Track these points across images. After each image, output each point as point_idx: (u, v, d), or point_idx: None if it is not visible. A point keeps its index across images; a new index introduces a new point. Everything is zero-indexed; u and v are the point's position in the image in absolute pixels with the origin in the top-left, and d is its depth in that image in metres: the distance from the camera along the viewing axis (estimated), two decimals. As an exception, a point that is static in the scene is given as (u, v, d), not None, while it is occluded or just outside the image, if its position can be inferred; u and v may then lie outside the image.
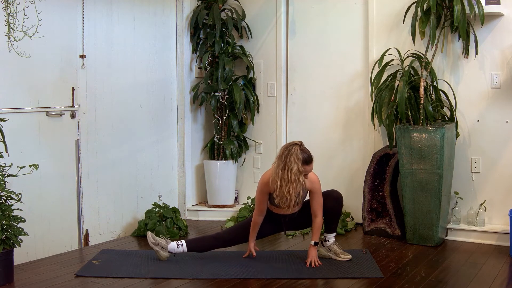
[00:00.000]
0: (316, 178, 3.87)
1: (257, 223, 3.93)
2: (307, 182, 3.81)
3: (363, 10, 5.00)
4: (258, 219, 3.92)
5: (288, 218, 3.95)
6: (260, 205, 3.88)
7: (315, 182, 3.85)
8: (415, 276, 3.63)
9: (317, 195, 3.87)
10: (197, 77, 5.52)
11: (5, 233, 3.47)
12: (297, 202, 3.81)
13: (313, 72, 5.28)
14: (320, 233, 3.89)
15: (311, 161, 3.75)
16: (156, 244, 3.94)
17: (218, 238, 4.07)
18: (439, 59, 4.63)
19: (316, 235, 3.87)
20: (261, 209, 3.89)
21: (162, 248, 3.94)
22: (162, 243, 3.96)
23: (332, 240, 4.00)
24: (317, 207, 3.87)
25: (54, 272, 3.77)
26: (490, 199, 4.51)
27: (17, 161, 3.68)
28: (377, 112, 4.58)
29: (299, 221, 4.02)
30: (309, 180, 3.82)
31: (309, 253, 3.88)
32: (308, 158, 3.73)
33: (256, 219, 3.92)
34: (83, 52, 4.43)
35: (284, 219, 3.96)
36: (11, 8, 3.59)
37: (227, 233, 4.11)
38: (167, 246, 3.95)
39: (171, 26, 5.34)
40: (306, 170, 3.71)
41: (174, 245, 3.96)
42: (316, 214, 3.87)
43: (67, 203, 4.34)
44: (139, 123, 4.98)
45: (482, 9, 4.24)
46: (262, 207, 3.88)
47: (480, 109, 4.53)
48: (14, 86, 3.96)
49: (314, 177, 3.85)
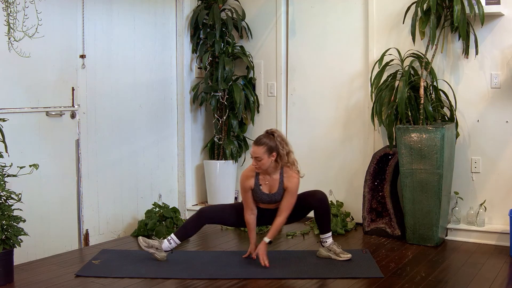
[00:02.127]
0: (296, 180, 3.83)
1: (249, 223, 3.92)
2: (286, 179, 3.81)
3: (363, 10, 5.00)
4: (249, 218, 3.91)
5: (268, 212, 3.94)
6: (247, 203, 3.87)
7: (293, 183, 3.82)
8: (415, 276, 3.63)
9: (290, 196, 3.82)
10: (197, 77, 5.52)
11: (5, 233, 3.47)
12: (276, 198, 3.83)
13: (313, 72, 5.28)
14: (277, 233, 3.86)
15: (258, 144, 3.73)
16: (149, 247, 3.93)
17: (201, 216, 3.95)
18: (439, 59, 4.63)
19: (271, 233, 3.83)
20: (250, 207, 3.88)
21: (157, 250, 3.93)
22: (156, 244, 3.94)
23: (330, 240, 3.98)
24: (285, 206, 3.83)
25: (54, 272, 3.77)
26: (490, 199, 4.51)
27: (17, 161, 3.68)
28: (377, 112, 4.58)
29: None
30: (288, 179, 3.82)
31: (258, 249, 3.84)
32: (256, 139, 3.77)
33: (247, 218, 3.91)
34: (83, 52, 4.43)
35: (270, 214, 3.94)
36: (11, 8, 3.59)
37: (210, 211, 4.01)
38: (161, 246, 3.93)
39: (171, 26, 5.34)
40: (253, 151, 3.73)
41: (166, 243, 3.93)
42: (280, 213, 3.83)
43: (67, 203, 4.34)
44: (139, 123, 4.99)
45: (482, 9, 4.24)
46: (250, 204, 3.87)
47: (480, 109, 4.53)
48: (14, 86, 3.96)
49: (294, 178, 3.83)
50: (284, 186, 3.83)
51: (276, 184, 3.83)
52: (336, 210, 4.90)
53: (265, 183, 3.85)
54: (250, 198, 3.88)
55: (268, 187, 3.85)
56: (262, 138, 3.75)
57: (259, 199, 3.87)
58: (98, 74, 4.57)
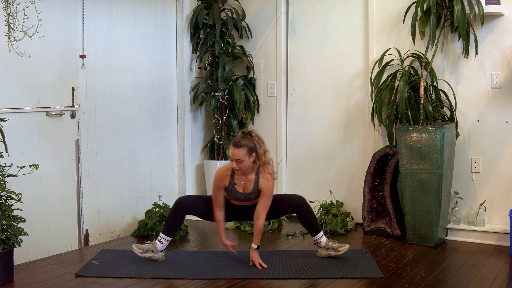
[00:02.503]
0: (272, 182, 3.83)
1: (219, 220, 3.92)
2: (261, 180, 3.81)
3: (363, 10, 5.00)
4: (219, 214, 3.90)
5: (246, 210, 3.95)
6: (217, 201, 3.87)
7: (269, 186, 3.81)
8: (415, 276, 3.63)
9: (266, 197, 3.82)
10: (197, 77, 5.52)
11: (5, 233, 3.47)
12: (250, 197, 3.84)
13: (313, 72, 5.28)
14: (261, 235, 3.85)
15: (238, 146, 3.69)
16: (145, 252, 3.93)
17: (178, 207, 3.91)
18: (439, 59, 4.63)
19: (256, 238, 3.83)
20: (220, 204, 3.88)
21: (153, 252, 3.93)
22: (150, 247, 3.93)
23: (324, 239, 3.98)
24: (262, 208, 3.82)
25: (54, 272, 3.77)
26: (490, 199, 4.51)
27: (17, 161, 3.68)
28: (377, 112, 4.58)
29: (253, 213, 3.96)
30: (263, 180, 3.81)
31: (251, 257, 3.84)
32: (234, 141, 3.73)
33: (217, 215, 3.90)
34: (83, 52, 4.43)
35: (242, 210, 3.95)
36: (11, 8, 3.59)
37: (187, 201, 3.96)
38: (155, 247, 3.92)
39: (171, 26, 5.34)
40: (232, 153, 3.69)
41: (158, 244, 3.92)
42: (259, 217, 3.81)
43: (67, 203, 4.34)
44: (139, 123, 4.99)
45: (482, 9, 4.24)
46: (220, 202, 3.88)
47: (480, 109, 4.53)
48: (14, 86, 3.96)
49: (270, 181, 3.83)
50: (259, 187, 3.82)
51: (251, 185, 3.83)
52: (336, 210, 4.90)
53: (240, 183, 3.83)
54: (221, 196, 3.88)
55: (243, 187, 3.84)
56: (241, 140, 3.71)
57: (234, 197, 3.87)
58: (98, 74, 4.57)
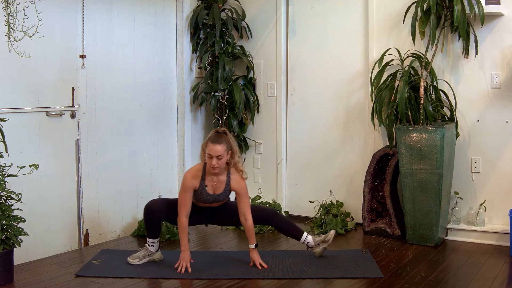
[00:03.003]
0: (244, 182, 3.85)
1: (184, 226, 3.76)
2: (233, 181, 3.81)
3: (363, 10, 5.00)
4: (185, 220, 3.76)
5: (211, 211, 3.94)
6: (186, 205, 3.76)
7: (242, 185, 3.83)
8: (415, 276, 3.63)
9: (244, 197, 3.82)
10: (197, 77, 5.52)
11: (5, 233, 3.47)
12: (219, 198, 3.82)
13: (313, 72, 5.28)
14: (254, 235, 3.85)
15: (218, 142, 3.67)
16: (142, 258, 3.92)
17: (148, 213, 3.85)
18: (439, 59, 4.63)
19: (252, 238, 3.83)
20: (187, 208, 3.77)
21: (149, 255, 3.94)
22: (144, 253, 3.93)
23: (310, 238, 4.00)
24: (245, 208, 3.82)
25: (54, 272, 3.77)
26: (490, 199, 4.51)
27: (17, 161, 3.68)
28: (377, 112, 4.58)
29: (222, 217, 3.98)
30: (235, 181, 3.82)
31: (252, 257, 3.84)
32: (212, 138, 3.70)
33: (183, 221, 3.75)
34: (83, 52, 4.43)
35: (207, 212, 3.94)
36: (11, 8, 3.59)
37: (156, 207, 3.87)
38: (150, 249, 3.92)
39: (171, 26, 5.34)
40: (213, 150, 3.66)
41: (149, 248, 3.91)
42: (246, 217, 3.81)
43: (67, 203, 4.34)
44: (139, 123, 4.99)
45: (482, 9, 4.24)
46: (188, 206, 3.77)
47: (480, 109, 4.53)
48: (14, 86, 3.96)
49: (240, 179, 3.84)
50: (232, 188, 3.82)
51: (222, 186, 3.81)
52: (336, 210, 4.90)
53: (211, 184, 3.80)
54: (190, 199, 3.78)
55: (214, 188, 3.81)
56: (220, 137, 3.71)
57: (202, 199, 3.82)
58: (98, 74, 4.57)
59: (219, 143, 3.67)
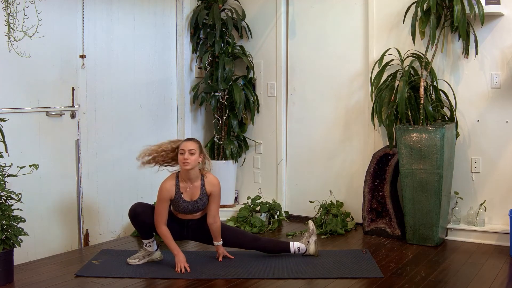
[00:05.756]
0: (217, 181, 3.87)
1: (166, 234, 3.79)
2: (208, 184, 3.84)
3: (363, 10, 5.00)
4: (164, 229, 3.79)
5: (191, 223, 3.95)
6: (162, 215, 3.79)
7: (216, 185, 3.86)
8: (415, 276, 3.63)
9: (216, 199, 3.87)
10: (197, 77, 5.52)
11: (5, 233, 3.47)
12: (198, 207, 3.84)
13: (313, 72, 5.28)
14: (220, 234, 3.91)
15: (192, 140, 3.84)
16: (142, 259, 3.92)
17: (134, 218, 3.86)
18: (439, 59, 4.63)
19: (217, 236, 3.91)
20: (164, 219, 3.80)
21: (149, 255, 3.94)
22: (143, 253, 3.93)
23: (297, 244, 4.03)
24: (215, 211, 3.86)
25: (54, 272, 3.77)
26: (490, 199, 4.51)
27: (17, 161, 3.68)
28: (377, 112, 4.58)
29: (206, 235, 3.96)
30: (210, 183, 3.84)
31: (218, 251, 3.97)
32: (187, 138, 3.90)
33: (163, 230, 3.79)
34: (83, 52, 4.43)
35: (187, 224, 3.95)
36: (11, 8, 3.59)
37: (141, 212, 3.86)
38: (148, 250, 3.92)
39: (171, 26, 5.34)
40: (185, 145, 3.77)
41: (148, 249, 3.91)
42: (215, 219, 3.85)
43: (67, 203, 4.34)
44: (139, 123, 4.98)
45: (482, 9, 4.24)
46: (165, 217, 3.80)
47: (480, 109, 4.53)
48: (14, 86, 3.96)
49: (215, 180, 3.87)
50: (208, 192, 3.85)
51: (197, 191, 3.83)
52: (336, 210, 4.90)
53: (186, 190, 3.82)
54: (165, 209, 3.80)
55: (190, 194, 3.83)
56: (193, 139, 3.87)
57: (182, 209, 3.84)
58: (98, 74, 4.57)
59: (192, 140, 3.85)
